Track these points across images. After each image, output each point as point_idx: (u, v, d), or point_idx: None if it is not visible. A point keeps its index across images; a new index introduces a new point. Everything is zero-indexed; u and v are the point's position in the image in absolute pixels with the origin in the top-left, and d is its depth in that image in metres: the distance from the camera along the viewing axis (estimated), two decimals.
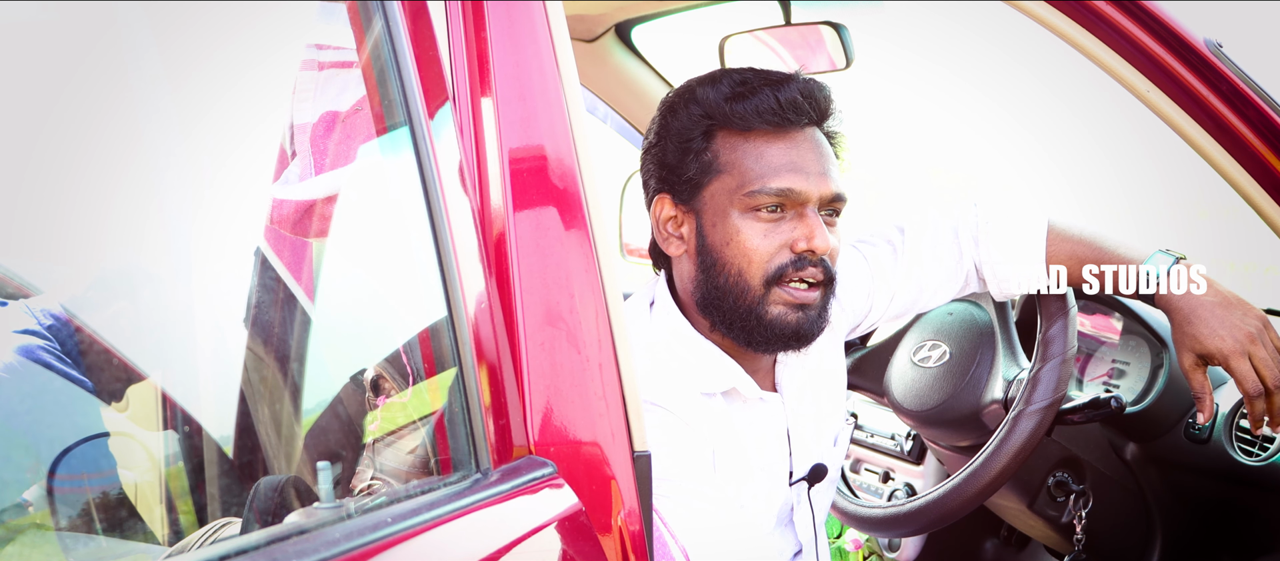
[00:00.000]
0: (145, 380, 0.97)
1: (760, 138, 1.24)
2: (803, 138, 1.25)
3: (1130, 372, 1.82)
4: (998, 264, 1.48)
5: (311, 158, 1.00)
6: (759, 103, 1.22)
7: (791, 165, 1.23)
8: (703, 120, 1.25)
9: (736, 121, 1.23)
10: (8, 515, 0.90)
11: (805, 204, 1.23)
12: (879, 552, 2.31)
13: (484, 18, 0.88)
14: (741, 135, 1.24)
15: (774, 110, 1.22)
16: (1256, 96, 1.36)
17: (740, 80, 1.26)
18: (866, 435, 2.13)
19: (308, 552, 0.66)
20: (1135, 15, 1.35)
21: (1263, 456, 1.63)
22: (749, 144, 1.24)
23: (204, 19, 0.93)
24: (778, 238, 1.23)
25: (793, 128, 1.24)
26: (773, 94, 1.23)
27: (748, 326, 1.25)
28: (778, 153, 1.23)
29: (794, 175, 1.23)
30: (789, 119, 1.23)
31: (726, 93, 1.24)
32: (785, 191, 1.22)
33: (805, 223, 1.23)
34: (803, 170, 1.23)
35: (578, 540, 0.84)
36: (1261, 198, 1.40)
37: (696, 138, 1.26)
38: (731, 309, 1.25)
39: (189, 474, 0.97)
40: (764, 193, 1.22)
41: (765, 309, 1.24)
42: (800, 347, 1.28)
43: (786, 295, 1.24)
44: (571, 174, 0.89)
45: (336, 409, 1.00)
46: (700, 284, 1.28)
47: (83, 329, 1.00)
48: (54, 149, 0.89)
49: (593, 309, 0.89)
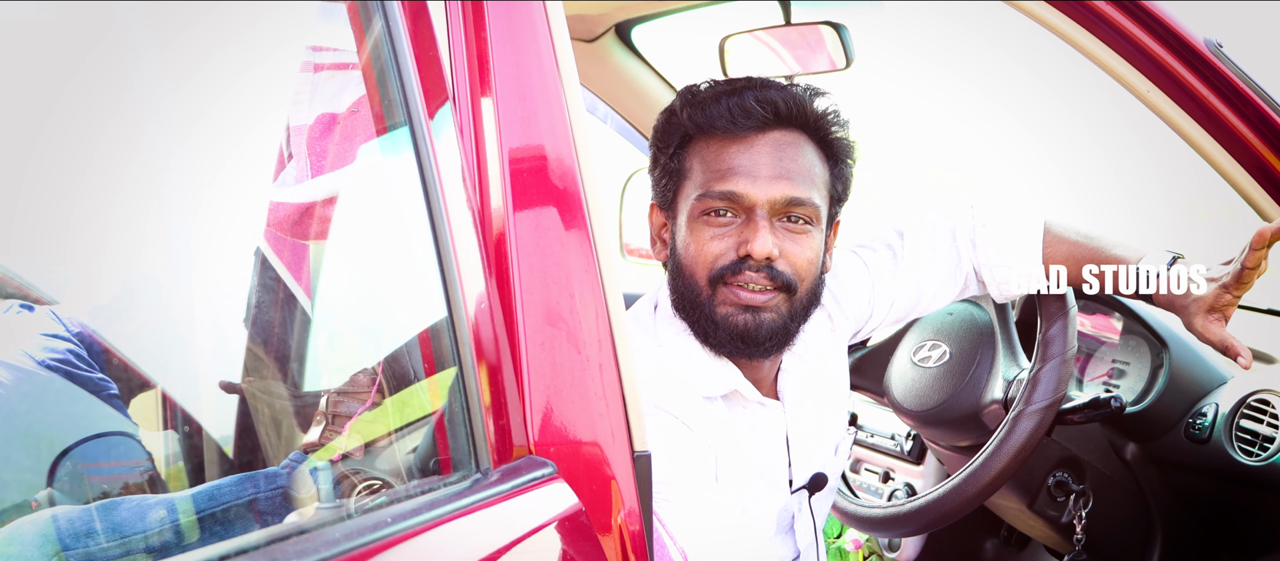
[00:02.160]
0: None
1: (718, 143, 1.27)
2: (762, 141, 1.26)
3: (1130, 372, 1.82)
4: (996, 265, 1.48)
5: (311, 158, 1.00)
6: (713, 109, 1.26)
7: (740, 169, 1.24)
8: (677, 129, 1.29)
9: (698, 128, 1.27)
10: (7, 515, 0.90)
11: (752, 208, 1.24)
12: (879, 552, 2.31)
13: (484, 18, 0.88)
14: (704, 141, 1.28)
15: (725, 115, 1.25)
16: (1256, 96, 1.36)
17: (702, 89, 1.30)
18: (866, 435, 2.13)
19: (308, 552, 0.66)
20: (1135, 15, 1.35)
21: (1263, 456, 1.63)
22: (709, 149, 1.27)
23: (204, 19, 0.93)
24: (727, 240, 1.25)
25: (749, 132, 1.25)
26: (726, 100, 1.26)
27: (704, 328, 1.28)
28: (730, 156, 1.25)
29: (740, 179, 1.24)
30: (739, 123, 1.25)
31: (689, 101, 1.29)
32: (729, 194, 1.24)
33: (749, 227, 1.24)
34: (751, 174, 1.24)
35: (578, 540, 0.84)
36: (1261, 197, 1.40)
37: (674, 146, 1.30)
38: (690, 310, 1.28)
39: (189, 474, 0.97)
40: (709, 195, 1.25)
41: (714, 308, 1.26)
42: (750, 351, 1.28)
43: (732, 295, 1.25)
44: (571, 174, 0.89)
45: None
46: (673, 286, 1.31)
47: (106, 337, 1.00)
48: (54, 149, 0.89)
49: (593, 309, 0.89)
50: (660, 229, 1.35)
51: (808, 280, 1.27)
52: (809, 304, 1.29)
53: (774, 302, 1.25)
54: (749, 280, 1.24)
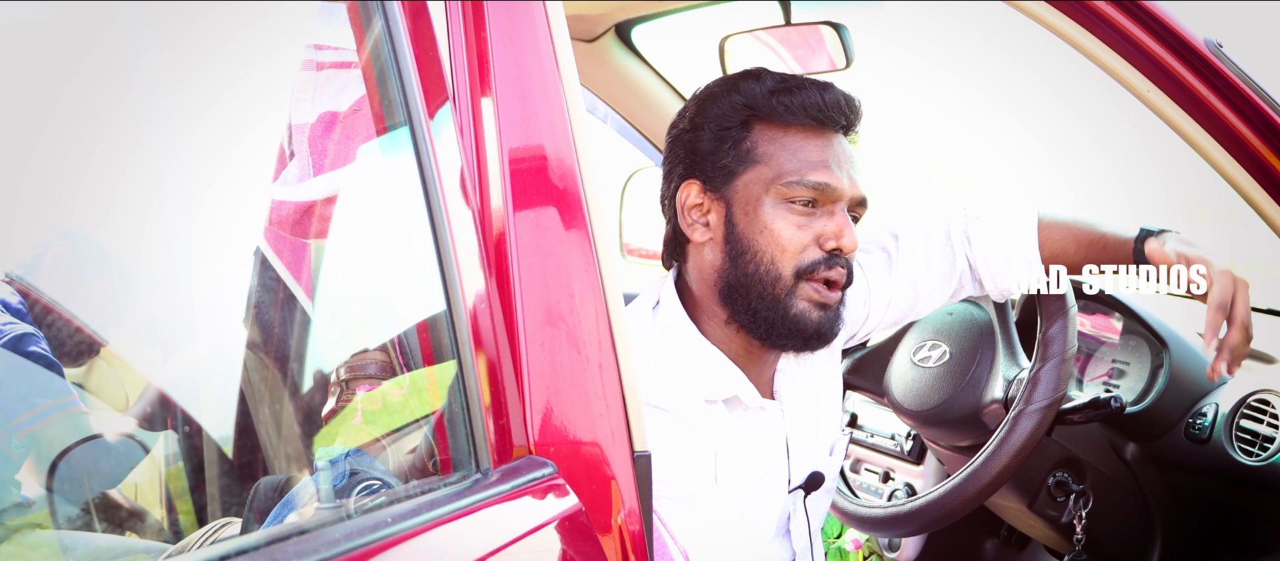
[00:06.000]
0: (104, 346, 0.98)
1: (799, 133, 1.26)
2: (837, 140, 1.28)
3: (1130, 372, 1.82)
4: (991, 257, 1.47)
5: (311, 158, 1.00)
6: (804, 98, 1.25)
7: (828, 162, 1.26)
8: (743, 110, 1.27)
9: (779, 114, 1.26)
10: (7, 515, 0.90)
11: (837, 201, 1.26)
12: (879, 552, 2.31)
13: (484, 18, 0.88)
14: (781, 128, 1.26)
15: (818, 107, 1.25)
16: (1256, 96, 1.36)
17: (786, 77, 1.29)
18: (866, 435, 2.13)
19: (308, 552, 0.66)
20: (1135, 15, 1.35)
21: (1263, 456, 1.63)
22: (788, 137, 1.26)
23: (204, 19, 0.93)
24: (810, 231, 1.25)
25: (829, 129, 1.27)
26: (818, 93, 1.26)
27: (771, 318, 1.26)
28: (815, 150, 1.26)
29: (830, 172, 1.25)
30: (829, 118, 1.26)
31: (771, 86, 1.27)
32: (821, 186, 1.25)
33: (836, 220, 1.25)
34: (841, 169, 1.26)
35: (578, 540, 0.84)
36: (1261, 197, 1.40)
37: (735, 127, 1.28)
38: (758, 297, 1.26)
39: (189, 474, 0.97)
40: (802, 184, 1.24)
41: (792, 301, 1.25)
42: (817, 347, 1.30)
43: (813, 291, 1.25)
44: (571, 174, 0.89)
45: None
46: (724, 272, 1.28)
47: (40, 300, 1.00)
48: (54, 149, 0.89)
49: (593, 309, 0.89)
50: (698, 210, 1.29)
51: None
52: None
53: (840, 300, 1.28)
54: (836, 274, 1.25)
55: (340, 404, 0.95)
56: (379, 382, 0.95)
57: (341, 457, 0.89)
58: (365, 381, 0.95)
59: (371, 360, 0.96)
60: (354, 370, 0.96)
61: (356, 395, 0.95)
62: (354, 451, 0.91)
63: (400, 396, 0.95)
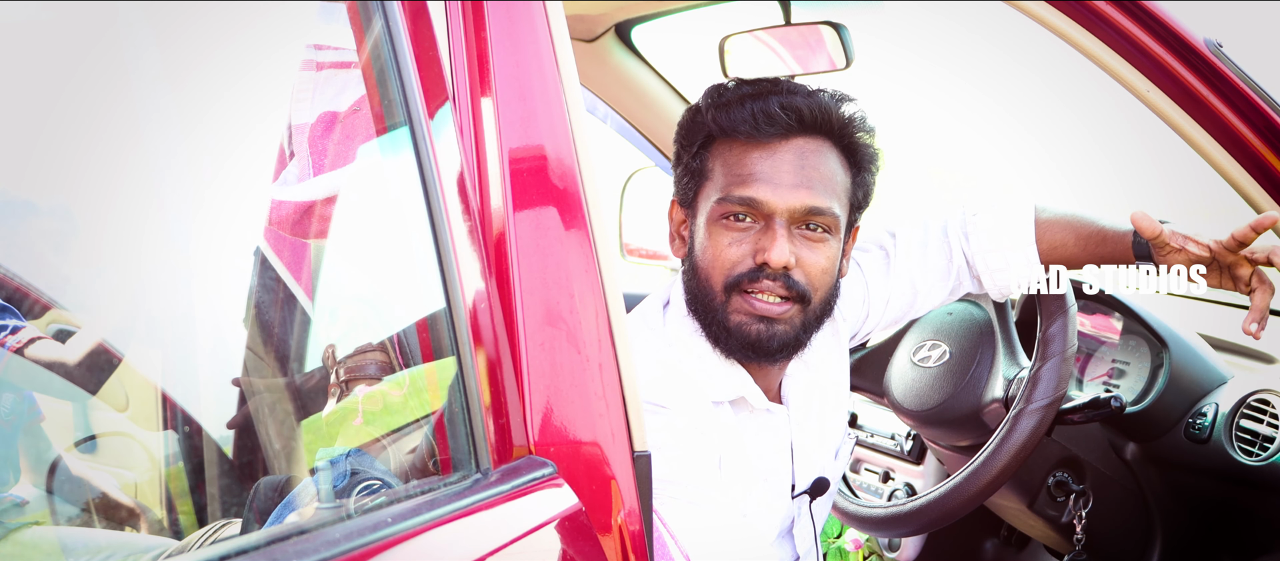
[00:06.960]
0: (122, 361, 0.98)
1: (741, 146, 1.25)
2: (785, 148, 1.24)
3: (1130, 372, 1.82)
4: (989, 253, 1.47)
5: (311, 158, 1.00)
6: (736, 112, 1.25)
7: (761, 175, 1.23)
8: (700, 127, 1.29)
9: (721, 130, 1.26)
10: (7, 515, 0.90)
11: (771, 215, 1.23)
12: (879, 552, 2.31)
13: (484, 18, 0.88)
14: (727, 143, 1.27)
15: (747, 119, 1.24)
16: (1256, 96, 1.36)
17: (726, 90, 1.29)
18: (866, 435, 2.13)
19: (308, 552, 0.66)
20: (1135, 15, 1.35)
21: (1263, 456, 1.63)
22: (732, 152, 1.26)
23: (204, 19, 0.93)
24: (745, 246, 1.24)
25: (773, 138, 1.24)
26: (751, 103, 1.24)
27: (716, 332, 1.27)
28: (752, 162, 1.24)
29: (761, 185, 1.23)
30: (762, 128, 1.23)
31: (714, 101, 1.28)
32: (748, 200, 1.23)
33: (767, 234, 1.23)
34: (772, 181, 1.23)
35: (578, 540, 0.84)
36: (1262, 198, 1.40)
37: (696, 145, 1.29)
38: (704, 311, 1.28)
39: (189, 474, 0.97)
40: (729, 200, 1.24)
41: (727, 315, 1.26)
42: (760, 360, 1.28)
43: (746, 304, 1.25)
44: (571, 174, 0.89)
45: None
46: (688, 286, 1.30)
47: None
48: (55, 149, 0.89)
49: (593, 309, 0.89)
50: (680, 226, 1.34)
51: (822, 290, 1.27)
52: (822, 314, 1.29)
53: (788, 314, 1.25)
54: (765, 289, 1.24)
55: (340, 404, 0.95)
56: (379, 382, 0.95)
57: (342, 457, 0.89)
58: (365, 381, 0.95)
59: (371, 360, 0.96)
60: (354, 370, 0.96)
61: (356, 395, 0.95)
62: (354, 451, 0.90)
63: (400, 396, 0.95)
